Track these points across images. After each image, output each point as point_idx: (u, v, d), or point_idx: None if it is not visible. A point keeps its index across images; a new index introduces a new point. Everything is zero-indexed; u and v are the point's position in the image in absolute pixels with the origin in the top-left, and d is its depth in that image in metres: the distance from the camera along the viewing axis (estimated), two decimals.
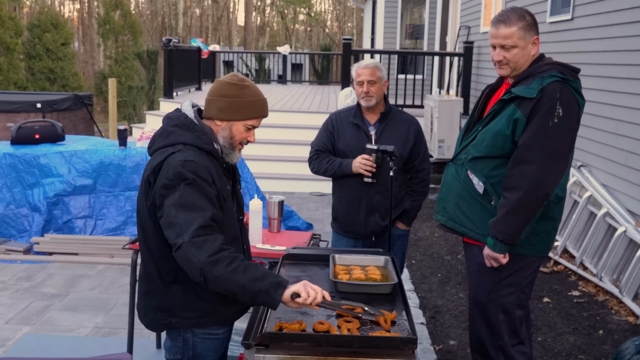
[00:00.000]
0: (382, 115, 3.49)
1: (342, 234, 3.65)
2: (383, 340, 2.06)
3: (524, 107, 2.54)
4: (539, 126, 2.50)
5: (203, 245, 2.04)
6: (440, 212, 2.87)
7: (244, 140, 2.35)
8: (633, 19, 5.30)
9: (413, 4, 15.99)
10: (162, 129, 2.32)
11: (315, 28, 42.31)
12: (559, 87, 2.51)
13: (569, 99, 2.52)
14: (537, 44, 2.65)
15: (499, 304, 2.74)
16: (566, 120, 2.51)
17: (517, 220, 2.55)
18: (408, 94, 9.71)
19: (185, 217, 2.08)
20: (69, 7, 40.02)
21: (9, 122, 9.45)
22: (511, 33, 2.61)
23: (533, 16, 2.68)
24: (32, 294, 4.79)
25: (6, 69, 20.80)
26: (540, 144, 2.50)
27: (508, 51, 2.63)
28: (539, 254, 2.74)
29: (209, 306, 2.29)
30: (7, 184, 5.78)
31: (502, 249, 2.60)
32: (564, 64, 2.62)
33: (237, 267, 2.04)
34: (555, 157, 2.52)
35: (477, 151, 2.67)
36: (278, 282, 2.07)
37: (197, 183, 2.14)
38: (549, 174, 2.51)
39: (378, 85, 3.41)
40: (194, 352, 2.34)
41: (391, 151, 3.14)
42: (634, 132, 5.23)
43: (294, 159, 8.76)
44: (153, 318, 2.36)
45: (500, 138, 2.59)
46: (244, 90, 2.28)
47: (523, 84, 2.59)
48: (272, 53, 21.11)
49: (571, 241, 5.79)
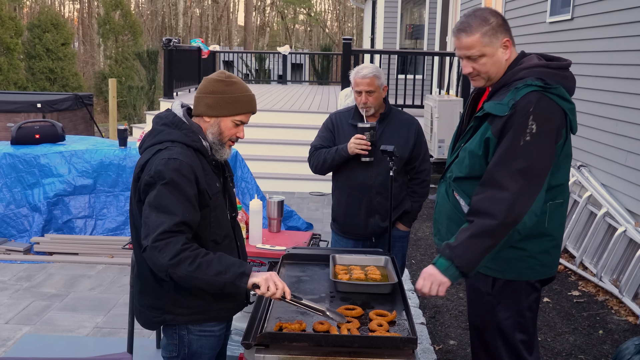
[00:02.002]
0: (382, 117, 3.48)
1: (341, 235, 3.63)
2: (383, 340, 2.06)
3: (495, 125, 2.26)
4: (509, 145, 2.21)
5: (165, 248, 2.10)
6: (436, 235, 2.62)
7: (233, 137, 2.37)
8: (633, 19, 5.30)
9: (413, 4, 15.99)
10: (152, 128, 2.36)
11: (315, 28, 42.30)
12: (534, 100, 2.21)
13: (546, 112, 2.21)
14: (509, 47, 2.34)
15: (496, 328, 2.45)
16: (540, 137, 2.20)
17: (480, 247, 2.22)
18: (408, 94, 9.71)
19: (155, 219, 2.14)
20: (69, 7, 40.06)
21: (9, 122, 9.46)
22: (474, 42, 2.31)
23: (499, 16, 2.36)
24: (32, 294, 4.79)
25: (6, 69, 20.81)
26: (509, 165, 2.21)
27: (475, 62, 2.35)
28: (537, 277, 2.42)
29: (202, 303, 2.31)
30: (7, 184, 5.78)
31: (455, 275, 2.25)
32: (546, 63, 2.32)
33: (199, 265, 2.10)
34: (527, 179, 2.20)
35: (459, 171, 2.42)
36: (241, 273, 2.14)
37: (174, 183, 2.16)
38: (519, 198, 2.20)
39: (377, 94, 3.39)
40: (190, 349, 2.36)
41: (391, 151, 3.13)
42: (633, 132, 5.23)
43: (294, 159, 8.76)
44: (148, 316, 2.38)
45: (476, 159, 2.34)
46: (231, 87, 2.32)
47: (497, 97, 2.32)
48: (272, 53, 21.11)
49: (571, 241, 5.79)
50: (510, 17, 8.79)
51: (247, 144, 8.82)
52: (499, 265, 2.37)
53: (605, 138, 5.76)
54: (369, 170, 3.42)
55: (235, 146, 2.71)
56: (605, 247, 5.25)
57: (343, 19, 41.61)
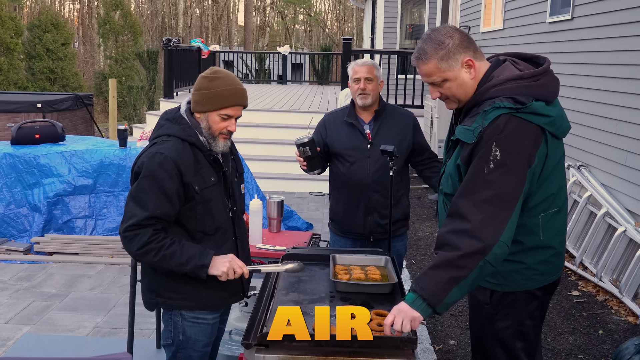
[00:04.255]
0: (377, 113, 3.47)
1: (340, 235, 3.60)
2: (383, 340, 2.06)
3: (463, 152, 2.17)
4: (472, 175, 2.12)
5: (133, 239, 2.32)
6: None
7: (223, 130, 2.45)
8: (633, 19, 5.30)
9: (413, 4, 15.99)
10: (157, 122, 2.52)
11: (315, 28, 42.31)
12: (502, 124, 2.08)
13: (513, 136, 2.08)
14: (472, 66, 2.20)
15: (495, 337, 2.38)
16: (506, 162, 2.08)
17: (442, 278, 2.09)
18: (408, 94, 9.72)
19: (130, 209, 2.34)
20: (69, 7, 40.04)
21: (9, 122, 9.45)
22: (431, 69, 2.21)
23: (456, 35, 2.21)
24: (32, 294, 4.79)
25: (6, 69, 20.81)
26: (472, 195, 2.10)
27: (440, 87, 2.24)
28: (536, 286, 2.33)
29: (191, 289, 2.45)
30: (8, 184, 5.78)
31: (423, 308, 2.09)
32: (519, 74, 2.17)
33: (163, 257, 2.32)
34: (492, 208, 2.09)
35: (446, 187, 2.34)
36: (200, 265, 2.34)
37: (154, 177, 2.32)
38: (487, 228, 2.07)
39: (374, 84, 3.40)
40: (184, 335, 2.50)
41: (391, 151, 3.12)
42: (633, 132, 5.23)
43: (294, 159, 8.68)
44: (146, 297, 2.56)
45: (454, 181, 2.27)
46: (214, 82, 2.42)
47: (468, 119, 2.20)
48: (272, 53, 21.13)
49: (571, 241, 5.79)
50: (510, 17, 8.80)
51: (247, 144, 8.82)
52: (497, 278, 2.31)
53: (605, 138, 5.76)
54: (365, 169, 3.40)
55: (236, 146, 2.73)
56: (605, 247, 5.25)
57: (343, 19, 41.62)
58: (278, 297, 2.45)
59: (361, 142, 3.40)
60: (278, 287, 2.55)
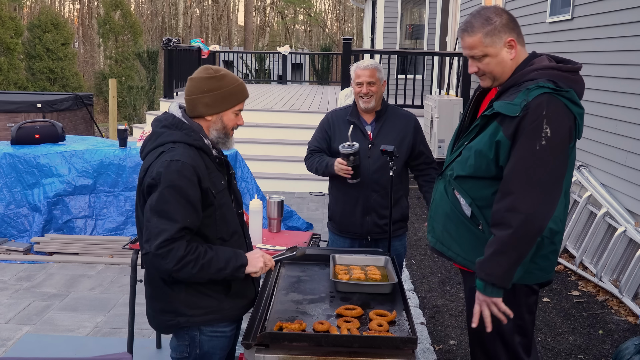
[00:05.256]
0: (378, 114, 3.47)
1: (338, 234, 3.60)
2: (383, 340, 2.06)
3: (507, 127, 2.21)
4: (524, 150, 2.17)
5: (167, 255, 2.15)
6: (430, 232, 2.59)
7: (235, 126, 2.43)
8: (633, 19, 5.30)
9: (413, 4, 15.99)
10: (152, 132, 2.37)
11: (315, 28, 42.31)
12: (545, 102, 2.15)
13: (558, 116, 2.16)
14: (514, 47, 2.30)
15: (495, 332, 2.41)
16: (556, 141, 2.16)
17: (507, 261, 2.20)
18: (408, 94, 9.71)
19: (156, 224, 2.16)
20: (69, 7, 40.05)
21: (9, 122, 9.46)
22: (475, 42, 2.30)
23: (504, 15, 2.31)
24: (32, 294, 4.79)
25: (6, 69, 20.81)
26: (526, 172, 2.16)
27: (480, 61, 2.33)
28: (536, 281, 2.41)
29: (214, 302, 2.33)
30: (8, 184, 5.78)
31: (494, 292, 2.25)
32: (558, 65, 2.28)
33: (202, 267, 2.20)
34: (545, 186, 2.17)
35: (461, 169, 2.38)
36: (239, 266, 2.28)
37: (176, 187, 2.18)
38: (540, 206, 2.16)
39: (377, 86, 3.40)
40: (202, 350, 2.36)
41: (391, 151, 3.12)
42: (634, 132, 5.23)
43: (294, 159, 8.76)
44: (160, 320, 2.38)
45: (484, 160, 2.29)
46: (223, 81, 2.35)
47: (506, 96, 2.28)
48: (272, 53, 21.11)
49: (571, 241, 5.79)
50: None
51: (247, 144, 8.82)
52: None
53: (605, 138, 5.76)
54: (365, 168, 3.39)
55: (236, 146, 2.74)
56: (605, 247, 5.25)
57: (343, 19, 41.61)
58: (278, 297, 2.45)
59: (362, 141, 3.40)
60: (278, 287, 2.55)
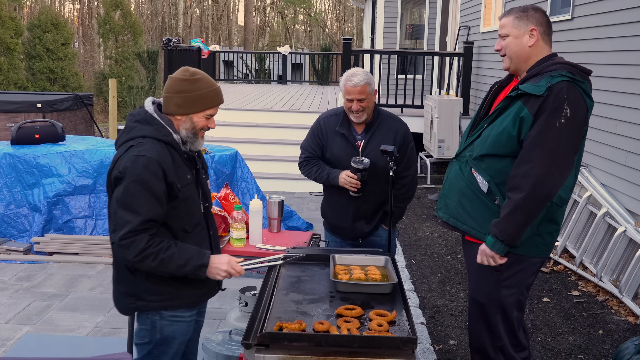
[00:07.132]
0: (368, 125, 3.44)
1: (330, 233, 3.77)
2: (383, 340, 2.06)
3: (531, 105, 2.50)
4: (544, 126, 2.47)
5: (130, 246, 2.28)
6: (442, 209, 2.82)
7: (205, 128, 2.51)
8: (633, 19, 5.30)
9: (413, 4, 15.99)
10: (126, 125, 2.48)
11: (315, 28, 42.30)
12: (566, 87, 2.47)
13: (576, 100, 2.49)
14: (535, 36, 2.60)
15: (499, 304, 2.71)
16: (572, 121, 2.48)
17: (518, 221, 2.51)
18: (408, 94, 9.70)
19: (121, 215, 2.29)
20: (69, 7, 40.04)
21: (9, 122, 9.46)
22: (506, 22, 2.65)
23: (540, 12, 2.64)
24: (32, 294, 4.79)
25: (6, 69, 20.81)
26: (544, 144, 2.47)
27: (503, 39, 2.67)
28: (540, 255, 2.70)
29: (173, 290, 2.45)
30: (8, 184, 5.78)
31: (501, 249, 2.56)
32: (574, 64, 2.59)
33: (162, 261, 2.30)
34: (559, 158, 2.48)
35: (481, 149, 2.64)
36: (200, 265, 2.36)
37: (141, 181, 2.29)
38: (551, 175, 2.47)
39: (368, 100, 3.34)
40: (162, 335, 2.49)
41: (391, 151, 3.13)
42: (634, 132, 5.23)
43: (294, 159, 8.68)
44: (123, 302, 2.53)
45: (505, 136, 2.56)
46: (196, 84, 2.42)
47: (531, 82, 2.55)
48: (272, 53, 21.12)
49: (571, 241, 5.79)
50: None
51: (247, 144, 8.82)
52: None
53: (605, 138, 5.76)
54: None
55: (236, 146, 2.77)
56: (605, 247, 5.25)
57: (343, 19, 41.61)
58: (278, 297, 2.45)
59: (351, 153, 3.40)
60: (278, 287, 2.55)
